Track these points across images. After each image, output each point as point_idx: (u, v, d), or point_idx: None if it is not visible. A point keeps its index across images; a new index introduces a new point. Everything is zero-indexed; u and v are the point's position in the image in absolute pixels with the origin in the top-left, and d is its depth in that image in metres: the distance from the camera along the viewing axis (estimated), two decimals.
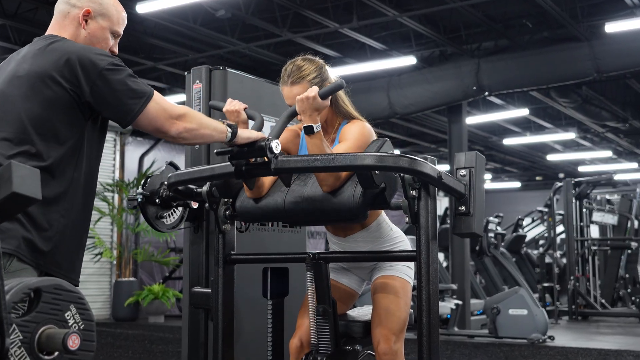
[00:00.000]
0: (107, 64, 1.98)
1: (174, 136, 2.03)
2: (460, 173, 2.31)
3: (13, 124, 1.95)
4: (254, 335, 3.08)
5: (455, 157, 2.35)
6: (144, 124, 2.01)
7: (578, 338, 8.15)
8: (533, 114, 13.26)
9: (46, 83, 1.96)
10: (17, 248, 1.88)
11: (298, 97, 2.31)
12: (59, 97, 1.96)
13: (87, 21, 2.13)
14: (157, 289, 9.93)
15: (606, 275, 11.41)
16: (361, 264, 2.71)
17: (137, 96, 1.98)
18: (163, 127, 2.01)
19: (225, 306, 2.61)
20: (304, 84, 2.47)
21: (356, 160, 2.12)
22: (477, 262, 10.57)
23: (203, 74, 3.21)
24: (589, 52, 8.65)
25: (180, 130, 2.02)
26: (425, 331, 2.20)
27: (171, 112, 2.02)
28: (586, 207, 10.97)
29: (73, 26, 2.12)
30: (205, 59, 10.18)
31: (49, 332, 1.46)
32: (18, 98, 1.97)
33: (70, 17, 2.13)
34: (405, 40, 9.95)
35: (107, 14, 2.16)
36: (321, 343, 2.52)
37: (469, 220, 2.29)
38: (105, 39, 2.16)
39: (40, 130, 1.95)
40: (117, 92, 1.97)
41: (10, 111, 1.97)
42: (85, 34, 2.12)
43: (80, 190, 2.05)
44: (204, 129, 2.08)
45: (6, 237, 1.86)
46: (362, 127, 2.52)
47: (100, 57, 1.99)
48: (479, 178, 2.31)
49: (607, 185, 16.44)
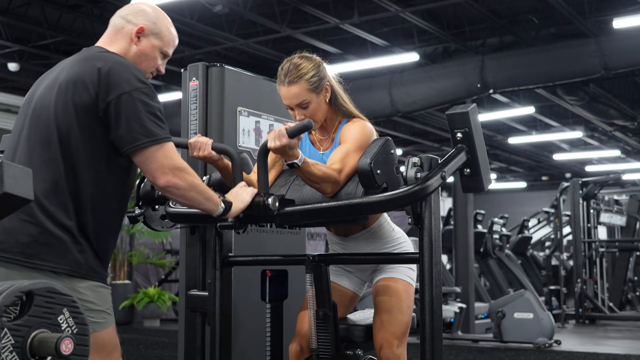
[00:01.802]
0: (134, 89, 2.00)
1: (162, 187, 2.05)
2: (458, 136, 2.30)
3: (45, 129, 2.02)
4: (252, 339, 3.08)
5: (448, 118, 2.31)
6: (138, 161, 2.04)
7: (585, 342, 8.14)
8: (539, 112, 13.27)
9: (77, 89, 2.00)
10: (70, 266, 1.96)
11: (269, 145, 2.23)
12: (87, 105, 2.00)
13: (139, 38, 2.18)
14: (152, 292, 9.93)
15: (614, 278, 11.41)
16: (362, 265, 2.70)
17: (147, 134, 2.00)
18: (154, 173, 2.03)
19: (223, 310, 2.61)
20: (302, 84, 2.44)
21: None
22: (482, 264, 10.57)
23: (200, 71, 3.20)
24: (597, 48, 8.64)
25: (170, 184, 2.04)
26: (428, 335, 2.19)
27: (168, 164, 2.03)
28: (594, 208, 10.97)
29: (125, 41, 2.18)
30: (202, 56, 10.18)
31: (41, 336, 1.46)
32: (53, 103, 2.03)
33: (123, 32, 2.19)
34: (408, 36, 9.95)
35: (160, 34, 2.21)
36: (321, 348, 2.52)
37: (476, 180, 2.32)
38: (154, 57, 2.21)
39: (69, 136, 2.00)
40: (128, 120, 1.99)
41: (45, 116, 2.03)
42: (136, 49, 2.18)
43: (111, 195, 2.08)
44: (194, 192, 2.10)
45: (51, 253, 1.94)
46: (362, 126, 2.50)
47: (133, 80, 2.01)
48: (477, 135, 2.29)
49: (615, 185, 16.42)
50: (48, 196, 1.96)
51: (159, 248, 11.38)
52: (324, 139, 2.61)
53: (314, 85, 2.46)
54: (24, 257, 1.93)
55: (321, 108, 2.50)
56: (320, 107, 2.50)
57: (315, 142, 2.62)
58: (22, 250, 1.93)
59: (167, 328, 9.56)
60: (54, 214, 1.96)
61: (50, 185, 1.97)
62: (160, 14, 2.24)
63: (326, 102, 2.52)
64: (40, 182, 1.95)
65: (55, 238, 1.95)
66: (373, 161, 2.24)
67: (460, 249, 9.30)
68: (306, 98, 2.45)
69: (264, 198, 2.23)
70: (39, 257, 1.94)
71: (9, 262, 1.93)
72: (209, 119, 3.16)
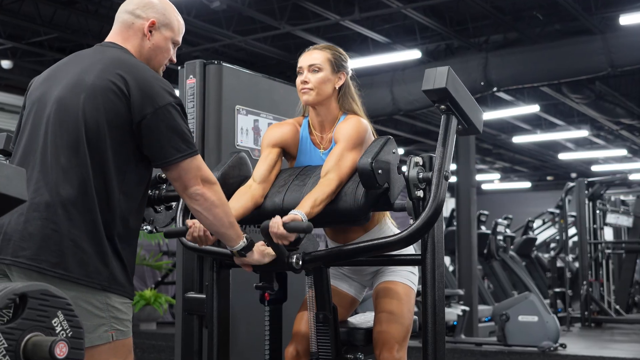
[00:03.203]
0: (168, 103, 2.01)
1: (190, 194, 2.05)
2: (442, 108, 2.22)
3: (73, 132, 1.99)
4: (250, 343, 3.08)
5: (425, 75, 2.21)
6: (173, 172, 2.04)
7: (591, 346, 8.15)
8: (544, 111, 13.27)
9: (108, 96, 1.99)
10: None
11: (272, 231, 2.23)
12: (121, 115, 1.99)
13: (151, 32, 2.18)
14: (148, 295, 9.93)
15: (621, 280, 11.41)
16: (362, 269, 2.70)
17: (182, 148, 2.02)
18: (187, 181, 2.04)
19: (221, 312, 2.61)
20: (325, 53, 2.56)
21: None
22: (485, 266, 10.57)
23: (197, 68, 3.20)
24: (603, 45, 8.64)
25: (199, 193, 2.05)
26: (430, 339, 2.20)
27: (201, 175, 2.06)
28: (600, 209, 10.97)
29: (138, 38, 2.17)
30: (200, 53, 10.18)
31: (35, 339, 1.46)
32: (81, 107, 2.00)
33: (134, 29, 2.17)
34: (410, 33, 9.95)
35: (170, 25, 2.22)
36: (321, 351, 2.52)
37: (471, 129, 2.31)
38: (167, 49, 2.22)
39: (96, 143, 1.98)
40: (164, 134, 2.00)
41: (73, 119, 2.00)
42: (150, 44, 2.18)
43: (136, 202, 2.08)
44: (220, 210, 2.10)
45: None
46: (355, 123, 2.51)
47: (166, 94, 2.03)
48: (458, 93, 2.22)
49: (622, 185, 16.43)
50: (75, 202, 1.94)
51: (155, 249, 11.38)
52: (324, 138, 2.61)
53: (334, 62, 2.55)
54: (48, 266, 1.90)
55: (327, 87, 2.54)
56: (327, 85, 2.54)
57: (316, 142, 2.63)
58: (46, 258, 1.90)
59: (164, 331, 9.56)
60: (80, 221, 1.93)
61: (78, 191, 1.95)
62: (166, 3, 2.24)
63: (335, 88, 2.55)
64: (67, 188, 1.94)
65: (80, 248, 1.93)
66: (374, 161, 2.24)
67: (463, 251, 9.31)
68: (322, 65, 2.54)
69: (288, 258, 2.27)
70: (63, 266, 1.90)
71: (31, 269, 1.90)
72: (207, 118, 3.16)
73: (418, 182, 2.22)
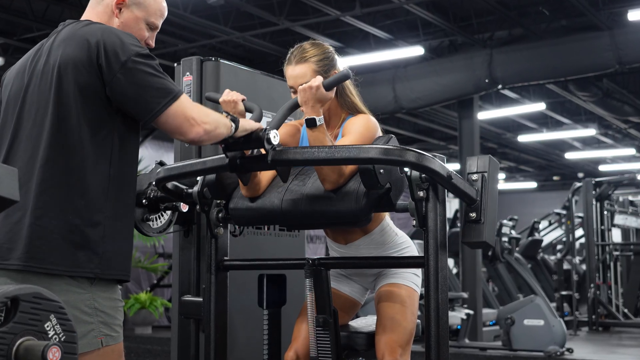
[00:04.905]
0: (132, 55, 1.97)
1: (194, 140, 2.05)
2: (472, 178, 2.31)
3: (46, 117, 1.97)
4: (248, 347, 3.08)
5: (467, 161, 2.34)
6: (161, 123, 2.01)
7: (599, 351, 8.15)
8: (550, 109, 13.27)
9: (76, 70, 1.97)
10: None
11: (300, 87, 2.31)
12: (92, 85, 1.97)
13: (120, 10, 2.14)
14: (144, 298, 9.93)
15: (629, 283, 11.40)
16: (364, 271, 2.71)
17: (162, 95, 1.98)
18: (181, 129, 2.02)
19: (218, 316, 2.61)
20: (309, 64, 2.50)
21: (360, 152, 2.12)
22: (490, 269, 10.57)
23: (194, 65, 3.21)
24: (610, 41, 8.65)
25: (201, 133, 2.03)
26: (433, 343, 2.20)
27: (190, 115, 2.02)
28: (607, 210, 10.96)
29: (106, 15, 2.14)
30: (197, 49, 10.19)
31: (27, 344, 1.45)
32: (54, 92, 1.99)
33: (103, 4, 2.15)
34: (412, 29, 9.95)
35: (143, 4, 2.17)
36: (321, 356, 2.52)
37: (479, 228, 2.28)
38: (139, 29, 2.17)
39: (72, 122, 1.96)
40: (139, 87, 1.97)
41: (43, 106, 1.99)
42: (118, 23, 2.14)
43: (121, 187, 2.06)
44: (220, 128, 2.08)
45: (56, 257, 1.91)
46: (367, 120, 2.53)
47: (127, 47, 1.98)
48: (492, 183, 2.31)
49: (630, 185, 16.45)
50: (55, 194, 1.93)
51: (150, 251, 11.38)
52: None
53: (322, 70, 2.50)
54: (35, 263, 1.89)
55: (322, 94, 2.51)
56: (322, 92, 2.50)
57: None
58: (33, 255, 1.90)
59: (160, 335, 9.55)
60: (64, 212, 1.92)
61: (58, 181, 1.93)
62: None
63: None
64: (47, 180, 1.93)
65: (66, 239, 1.92)
66: None
67: (467, 253, 9.31)
68: (310, 79, 2.44)
69: (266, 130, 2.16)
70: (49, 261, 1.90)
71: (16, 270, 1.90)
72: None
73: (421, 183, 2.22)
